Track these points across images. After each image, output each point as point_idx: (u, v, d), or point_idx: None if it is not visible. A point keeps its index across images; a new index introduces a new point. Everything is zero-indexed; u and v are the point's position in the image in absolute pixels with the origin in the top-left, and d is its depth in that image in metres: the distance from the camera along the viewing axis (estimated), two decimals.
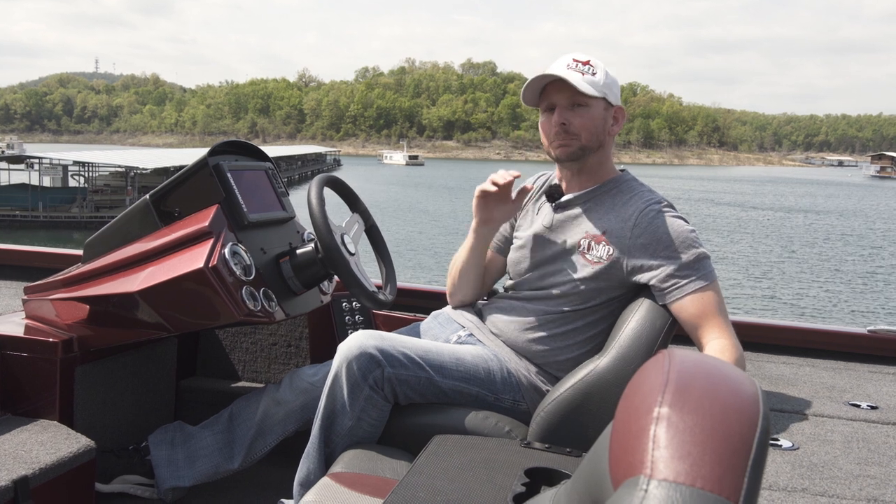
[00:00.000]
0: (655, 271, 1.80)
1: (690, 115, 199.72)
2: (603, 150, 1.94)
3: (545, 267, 1.95)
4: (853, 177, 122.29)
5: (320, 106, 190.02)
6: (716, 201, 53.56)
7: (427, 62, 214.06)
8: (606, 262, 1.85)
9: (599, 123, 1.90)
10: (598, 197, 1.93)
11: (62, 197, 34.48)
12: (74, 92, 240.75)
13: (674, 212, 1.87)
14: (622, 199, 1.90)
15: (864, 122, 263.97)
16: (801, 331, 2.66)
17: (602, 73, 1.89)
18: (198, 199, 1.98)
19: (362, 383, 1.79)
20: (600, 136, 1.91)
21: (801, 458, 1.57)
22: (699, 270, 1.79)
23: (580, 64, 1.88)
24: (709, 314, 1.78)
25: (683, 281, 1.78)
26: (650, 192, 1.91)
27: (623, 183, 1.94)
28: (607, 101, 1.91)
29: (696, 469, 0.62)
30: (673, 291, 1.79)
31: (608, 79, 1.90)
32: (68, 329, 1.99)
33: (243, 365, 2.65)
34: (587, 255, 1.88)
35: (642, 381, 0.73)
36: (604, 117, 1.91)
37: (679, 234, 1.81)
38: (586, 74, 1.87)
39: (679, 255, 1.79)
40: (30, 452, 1.74)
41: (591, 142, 1.90)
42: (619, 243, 1.84)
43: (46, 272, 2.21)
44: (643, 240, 1.82)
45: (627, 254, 1.83)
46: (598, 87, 1.86)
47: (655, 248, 1.81)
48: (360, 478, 1.60)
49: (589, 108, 1.88)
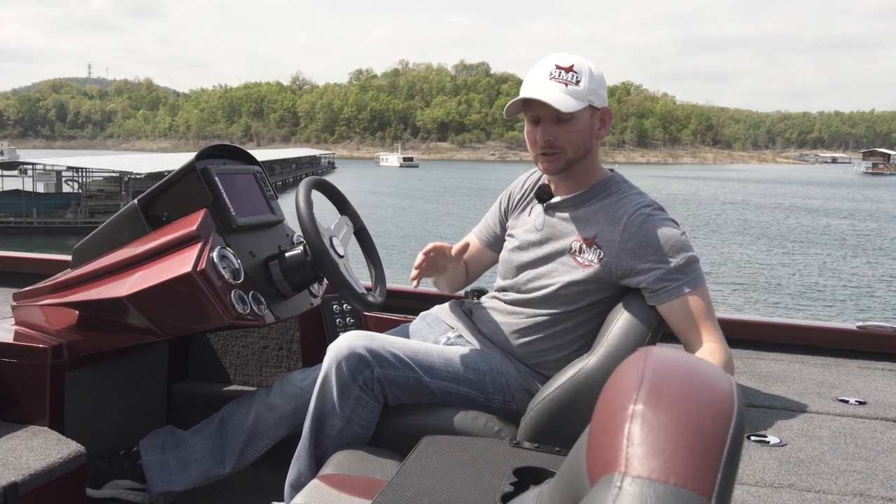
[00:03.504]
0: (645, 275, 1.80)
1: (684, 113, 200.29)
2: (590, 155, 1.92)
3: (535, 269, 1.95)
4: (845, 174, 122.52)
5: (314, 109, 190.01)
6: (708, 200, 53.68)
7: (421, 64, 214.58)
8: (597, 265, 1.85)
9: (585, 133, 1.87)
10: (588, 200, 1.93)
11: (56, 203, 34.42)
12: (68, 97, 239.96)
13: (663, 215, 1.87)
14: (611, 201, 1.90)
15: (857, 118, 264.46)
16: (790, 327, 2.67)
17: (586, 77, 1.83)
18: (186, 204, 1.98)
19: (352, 384, 1.80)
20: (587, 145, 1.89)
21: (788, 454, 1.58)
22: (688, 274, 1.80)
23: (563, 72, 1.82)
24: (697, 317, 1.79)
25: (672, 284, 1.79)
26: (639, 196, 1.91)
27: (613, 185, 1.93)
28: (593, 107, 1.87)
29: (670, 466, 0.62)
30: (661, 295, 1.79)
31: (593, 82, 1.84)
32: (58, 335, 1.99)
33: (235, 368, 2.65)
34: (578, 258, 1.88)
35: (619, 379, 0.74)
36: (590, 125, 1.88)
37: (669, 238, 1.81)
38: (570, 84, 1.81)
39: (668, 259, 1.79)
40: (20, 458, 1.73)
41: (578, 153, 1.88)
42: (609, 247, 1.84)
43: (36, 278, 2.21)
44: (633, 244, 1.82)
45: (617, 258, 1.83)
46: (581, 97, 1.82)
47: (645, 252, 1.81)
48: (349, 479, 1.60)
49: (574, 121, 1.84)
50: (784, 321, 2.73)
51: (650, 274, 1.80)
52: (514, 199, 2.12)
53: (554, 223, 1.95)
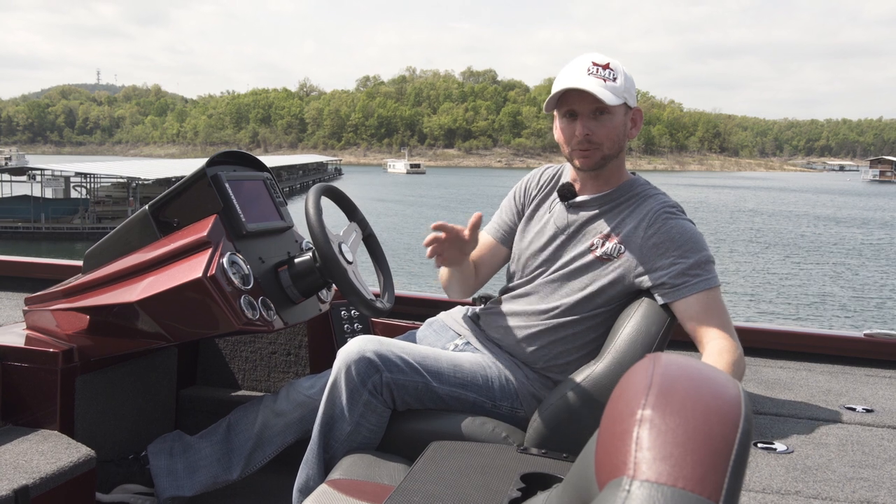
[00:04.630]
0: (666, 270, 1.82)
1: (691, 121, 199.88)
2: (622, 154, 1.95)
3: (557, 269, 1.95)
4: (852, 181, 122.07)
5: (321, 115, 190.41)
6: (717, 208, 53.55)
7: (428, 71, 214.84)
8: (618, 262, 1.87)
9: (621, 130, 1.90)
10: (615, 201, 1.94)
11: (64, 208, 34.58)
12: (77, 103, 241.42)
13: (685, 216, 1.91)
14: (637, 201, 1.92)
15: (864, 126, 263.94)
16: (797, 335, 2.66)
17: (622, 76, 1.86)
18: (196, 210, 2.00)
19: (361, 388, 1.81)
20: (621, 143, 1.91)
21: (795, 461, 1.58)
22: (707, 272, 1.83)
23: (600, 69, 1.84)
24: (712, 314, 1.80)
25: (693, 280, 1.81)
26: (664, 195, 1.94)
27: (637, 187, 1.96)
28: (627, 106, 1.90)
29: (678, 470, 0.63)
30: (682, 289, 1.80)
31: (627, 81, 1.87)
32: (69, 339, 2.00)
33: (243, 374, 2.66)
34: (597, 252, 1.90)
35: (627, 385, 0.75)
36: (624, 122, 1.91)
37: (691, 236, 1.85)
38: (608, 80, 1.83)
39: (689, 255, 1.82)
40: (30, 462, 1.75)
41: (613, 149, 1.90)
42: (632, 243, 1.86)
43: (47, 283, 2.23)
44: (655, 239, 1.84)
45: (639, 253, 1.85)
46: (619, 93, 1.84)
47: (667, 247, 1.83)
48: (357, 484, 1.61)
49: (612, 115, 1.86)
50: (791, 329, 2.72)
51: (672, 269, 1.82)
52: (529, 193, 2.10)
53: (578, 222, 1.96)
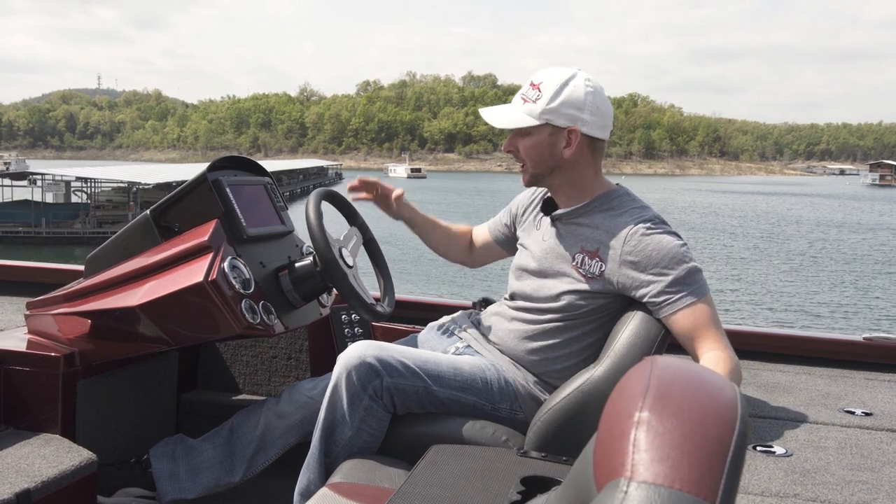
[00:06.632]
0: (647, 288, 1.82)
1: (691, 125, 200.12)
2: (565, 171, 1.93)
3: (542, 279, 1.97)
4: (852, 185, 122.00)
5: (322, 120, 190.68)
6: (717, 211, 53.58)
7: (428, 75, 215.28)
8: (599, 278, 1.87)
9: (544, 150, 1.91)
10: (590, 212, 1.94)
11: (65, 213, 34.66)
12: (77, 108, 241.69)
13: (664, 227, 1.87)
14: (612, 214, 1.91)
15: (864, 130, 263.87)
16: (797, 339, 2.67)
17: (548, 97, 1.86)
18: (197, 214, 2.01)
19: (362, 393, 1.82)
20: (548, 162, 1.92)
21: (794, 464, 1.59)
22: (690, 285, 1.81)
23: (530, 88, 1.90)
24: (702, 327, 1.80)
25: (675, 297, 1.80)
26: (641, 210, 1.91)
27: (615, 199, 1.94)
28: (554, 126, 1.89)
29: (675, 471, 0.64)
30: (665, 307, 1.80)
31: (563, 101, 1.86)
32: (70, 343, 2.01)
33: (244, 378, 2.67)
34: (580, 269, 1.90)
35: (625, 388, 0.76)
36: (549, 143, 1.90)
37: (669, 250, 1.82)
38: (527, 101, 1.89)
39: (669, 271, 1.81)
40: (32, 466, 1.75)
41: (540, 168, 1.93)
42: (611, 260, 1.86)
43: (48, 287, 2.24)
44: (633, 257, 1.83)
45: (619, 270, 1.85)
46: (534, 114, 1.87)
47: (646, 265, 1.82)
48: (358, 488, 1.62)
49: (530, 136, 1.91)
50: (790, 332, 2.73)
51: (652, 287, 1.81)
52: (522, 206, 2.18)
53: (558, 234, 1.98)
